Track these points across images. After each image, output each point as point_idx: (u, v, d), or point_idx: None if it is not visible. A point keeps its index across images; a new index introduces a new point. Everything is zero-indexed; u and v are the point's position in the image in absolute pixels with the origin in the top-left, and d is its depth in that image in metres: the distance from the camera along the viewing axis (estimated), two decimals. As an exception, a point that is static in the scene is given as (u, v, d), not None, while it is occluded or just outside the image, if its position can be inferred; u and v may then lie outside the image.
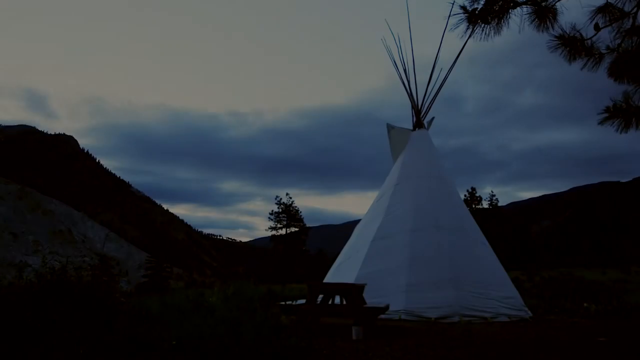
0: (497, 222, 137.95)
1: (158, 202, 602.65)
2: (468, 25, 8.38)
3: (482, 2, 8.28)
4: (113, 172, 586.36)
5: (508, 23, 8.39)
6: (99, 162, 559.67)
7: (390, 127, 21.80)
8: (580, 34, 8.74)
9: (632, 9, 8.33)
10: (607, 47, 8.94)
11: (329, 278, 19.28)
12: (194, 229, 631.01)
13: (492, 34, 8.38)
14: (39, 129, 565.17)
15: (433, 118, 21.72)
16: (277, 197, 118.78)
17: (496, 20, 8.37)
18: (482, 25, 8.33)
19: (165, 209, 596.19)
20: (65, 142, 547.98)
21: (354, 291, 12.80)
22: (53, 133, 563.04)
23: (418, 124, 21.24)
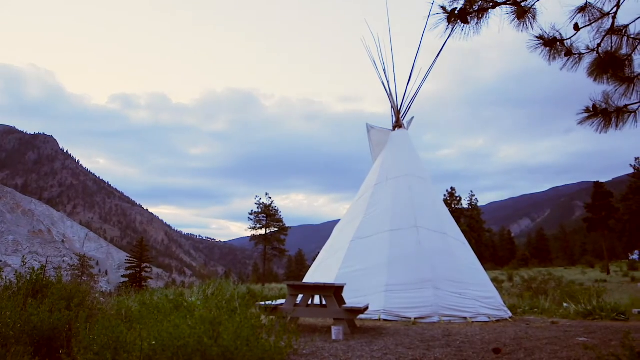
0: (476, 221, 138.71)
1: (138, 202, 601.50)
2: (447, 25, 8.38)
3: (461, 2, 8.28)
4: (93, 172, 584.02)
5: (488, 23, 8.39)
6: (78, 161, 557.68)
7: (369, 128, 21.78)
8: (560, 34, 8.75)
9: (612, 9, 8.35)
10: (587, 47, 8.96)
11: (309, 278, 19.26)
12: (174, 229, 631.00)
13: (472, 33, 8.38)
14: (19, 128, 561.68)
15: (413, 118, 21.76)
16: (256, 197, 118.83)
17: (476, 20, 8.36)
18: (462, 25, 8.33)
19: (145, 208, 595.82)
20: (45, 142, 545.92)
21: (333, 291, 12.78)
22: (32, 133, 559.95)
23: (398, 124, 21.22)
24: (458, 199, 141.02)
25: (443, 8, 8.30)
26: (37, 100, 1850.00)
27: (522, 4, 8.40)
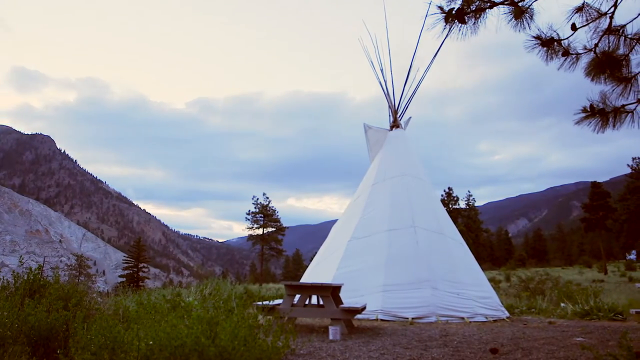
0: (474, 221, 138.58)
1: (135, 201, 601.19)
2: (445, 25, 8.36)
3: (458, 2, 8.26)
4: (90, 172, 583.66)
5: (485, 23, 8.37)
6: (76, 161, 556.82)
7: (367, 127, 21.75)
8: (557, 34, 8.74)
9: (609, 8, 8.34)
10: (584, 47, 8.95)
11: (306, 278, 19.23)
12: (171, 229, 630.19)
13: (469, 33, 8.37)
14: (16, 128, 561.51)
15: (410, 118, 21.71)
16: (254, 197, 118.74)
17: (473, 20, 8.35)
18: (459, 25, 8.31)
19: (142, 208, 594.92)
20: (42, 142, 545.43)
21: (330, 291, 12.77)
22: (30, 133, 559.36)
23: (395, 124, 21.20)
24: (455, 199, 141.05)
25: (440, 8, 8.29)
26: (120, 109, 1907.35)
27: (520, 4, 8.40)
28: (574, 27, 8.51)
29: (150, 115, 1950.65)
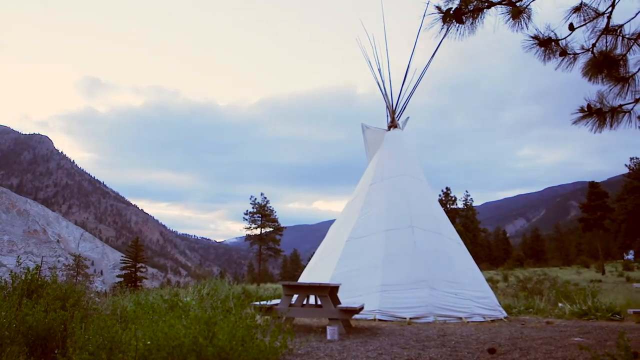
0: (471, 221, 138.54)
1: (133, 201, 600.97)
2: (443, 25, 8.36)
3: (456, 2, 8.26)
4: (88, 172, 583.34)
5: (483, 23, 8.37)
6: (73, 161, 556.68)
7: (365, 127, 21.73)
8: (555, 34, 8.74)
9: (607, 8, 8.34)
10: (582, 47, 8.95)
11: (304, 278, 19.22)
12: (169, 229, 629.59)
13: (467, 33, 8.37)
14: (13, 128, 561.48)
15: (408, 118, 21.69)
16: (251, 197, 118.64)
17: (471, 20, 8.34)
18: (457, 25, 8.31)
19: (140, 208, 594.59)
20: (40, 142, 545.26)
21: (328, 291, 12.75)
22: (27, 133, 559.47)
23: (393, 124, 21.17)
24: (453, 199, 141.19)
25: (438, 8, 8.28)
26: (184, 114, 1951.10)
27: (517, 4, 8.39)
28: (571, 27, 8.51)
29: (218, 118, 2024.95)
